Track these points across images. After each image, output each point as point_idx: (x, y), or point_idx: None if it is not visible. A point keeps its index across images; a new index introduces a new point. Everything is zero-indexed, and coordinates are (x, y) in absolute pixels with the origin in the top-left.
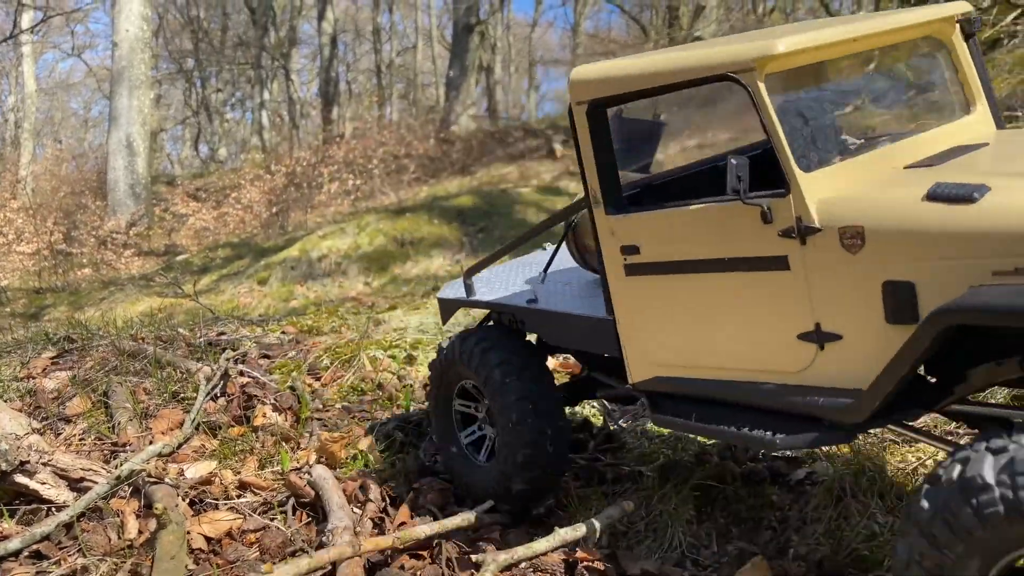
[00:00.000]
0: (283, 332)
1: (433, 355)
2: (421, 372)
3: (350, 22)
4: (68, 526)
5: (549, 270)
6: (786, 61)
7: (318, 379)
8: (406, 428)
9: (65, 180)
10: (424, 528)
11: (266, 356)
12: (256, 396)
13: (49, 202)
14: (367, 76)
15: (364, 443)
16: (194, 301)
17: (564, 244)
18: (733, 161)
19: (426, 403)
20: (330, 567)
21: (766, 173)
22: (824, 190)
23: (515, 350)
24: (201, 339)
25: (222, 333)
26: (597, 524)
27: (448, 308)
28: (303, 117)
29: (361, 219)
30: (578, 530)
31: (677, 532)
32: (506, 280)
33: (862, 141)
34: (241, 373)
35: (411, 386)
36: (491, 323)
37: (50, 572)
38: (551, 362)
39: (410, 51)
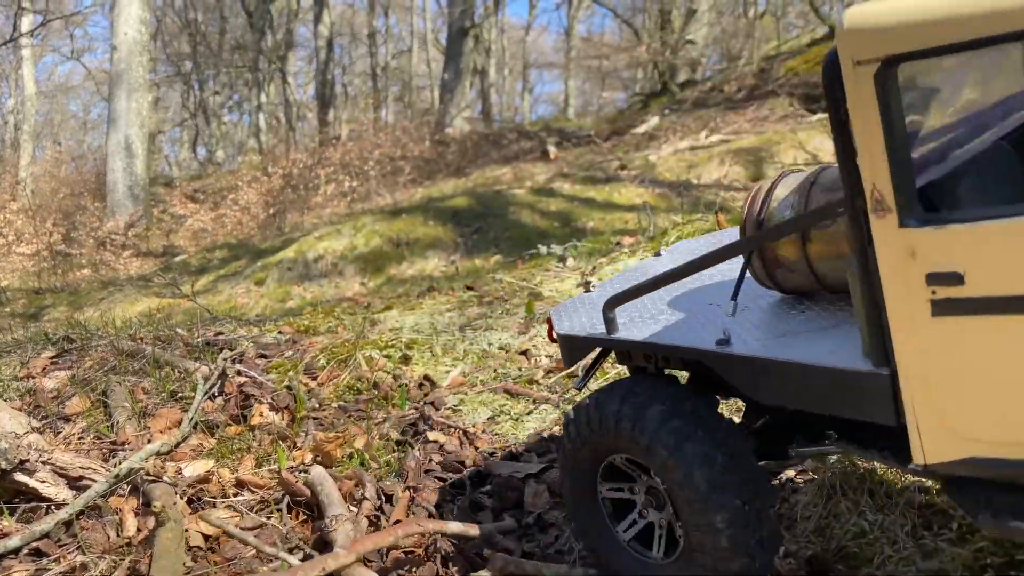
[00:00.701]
0: (280, 332)
1: (428, 354)
2: (416, 371)
3: (346, 26)
4: (67, 524)
5: (697, 295)
6: None
7: (315, 379)
8: (401, 427)
9: (64, 182)
10: (449, 526)
11: (263, 356)
12: (253, 395)
13: (48, 203)
14: (363, 79)
15: (360, 442)
16: (192, 301)
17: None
18: None
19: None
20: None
21: None
22: None
23: (691, 406)
24: (199, 339)
25: (220, 333)
26: None
27: (578, 348)
28: (300, 119)
29: (357, 220)
30: (590, 572)
31: None
32: (649, 309)
33: None
34: (239, 373)
35: (406, 385)
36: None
37: (49, 569)
38: None
39: (405, 54)
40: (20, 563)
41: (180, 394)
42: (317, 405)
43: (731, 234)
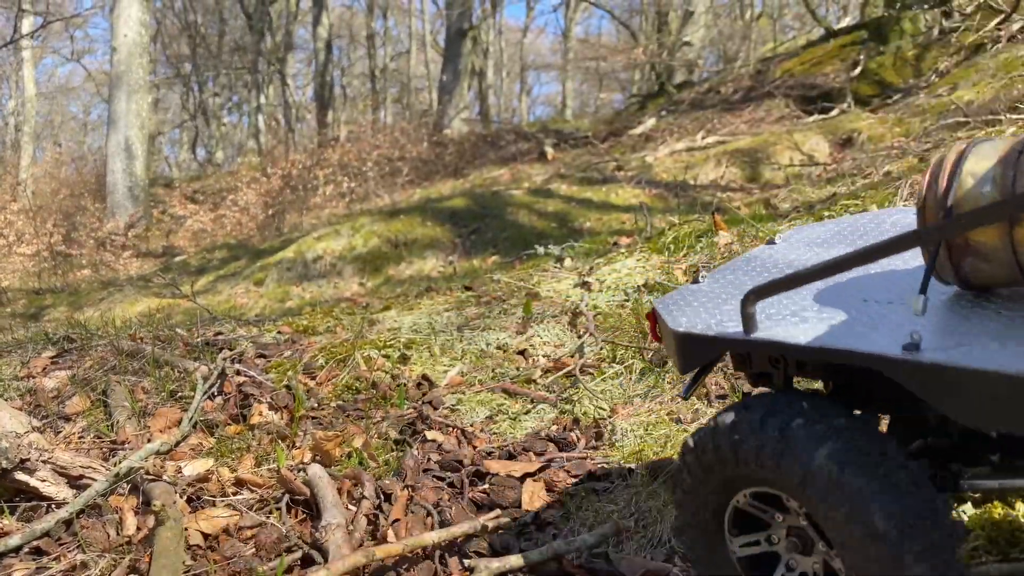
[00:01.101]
0: (279, 332)
1: (427, 354)
2: (415, 371)
3: (345, 28)
4: (68, 523)
5: (841, 290)
6: None
7: (313, 378)
8: (400, 426)
9: (64, 183)
10: (432, 535)
11: (262, 356)
12: (252, 395)
13: (49, 204)
14: (362, 80)
15: (358, 441)
16: (192, 302)
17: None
18: None
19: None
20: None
21: None
22: None
23: (853, 427)
24: (199, 339)
25: (219, 333)
26: (589, 539)
27: (701, 350)
28: (299, 121)
29: (356, 221)
30: (571, 544)
31: (665, 529)
32: (788, 306)
33: None
34: (238, 372)
35: (405, 385)
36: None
37: (50, 568)
38: None
39: (404, 56)
40: (20, 561)
41: (180, 394)
42: (316, 404)
43: (887, 214)
